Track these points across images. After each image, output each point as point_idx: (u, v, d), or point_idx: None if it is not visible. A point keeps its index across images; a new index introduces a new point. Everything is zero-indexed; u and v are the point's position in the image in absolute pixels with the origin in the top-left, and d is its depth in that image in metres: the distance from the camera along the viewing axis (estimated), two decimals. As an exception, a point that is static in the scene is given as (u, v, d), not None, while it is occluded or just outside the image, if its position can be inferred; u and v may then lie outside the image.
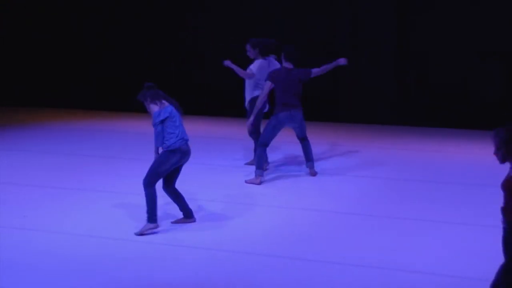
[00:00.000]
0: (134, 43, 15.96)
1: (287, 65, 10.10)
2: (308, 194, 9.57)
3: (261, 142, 10.07)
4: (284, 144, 11.73)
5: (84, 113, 15.71)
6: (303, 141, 10.29)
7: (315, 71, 10.14)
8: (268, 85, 10.01)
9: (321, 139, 12.15)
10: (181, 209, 8.34)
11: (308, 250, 7.55)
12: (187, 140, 8.05)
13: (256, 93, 10.39)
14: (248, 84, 10.54)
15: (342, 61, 10.15)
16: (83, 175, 10.44)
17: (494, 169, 6.35)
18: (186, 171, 8.46)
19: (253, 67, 10.43)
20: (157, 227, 8.05)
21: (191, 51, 15.52)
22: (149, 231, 7.99)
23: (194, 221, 8.39)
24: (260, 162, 10.03)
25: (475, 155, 11.59)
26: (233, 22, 15.10)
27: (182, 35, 15.57)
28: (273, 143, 10.37)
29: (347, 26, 14.41)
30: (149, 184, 7.91)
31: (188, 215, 8.36)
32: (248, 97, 10.57)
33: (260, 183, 10.00)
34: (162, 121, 7.83)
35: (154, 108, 7.88)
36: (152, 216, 7.97)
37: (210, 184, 9.95)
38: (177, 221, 8.38)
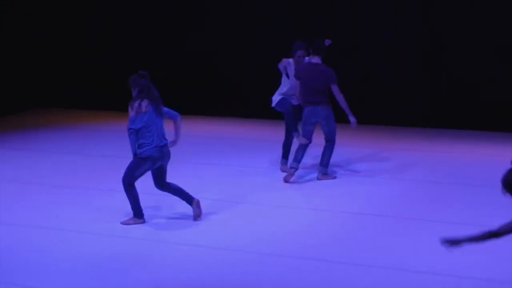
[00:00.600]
0: (136, 42, 15.91)
1: (314, 59, 9.89)
2: (335, 196, 9.52)
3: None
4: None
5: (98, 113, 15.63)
6: (326, 142, 10.11)
7: (334, 90, 9.89)
8: (297, 83, 9.97)
9: (347, 141, 11.77)
10: (184, 199, 8.54)
11: (336, 252, 7.57)
12: (162, 146, 8.17)
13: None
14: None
15: (353, 122, 9.90)
16: (104, 175, 10.43)
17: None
18: (214, 171, 8.74)
19: None
20: (143, 222, 8.38)
21: (200, 52, 15.45)
22: (133, 223, 8.34)
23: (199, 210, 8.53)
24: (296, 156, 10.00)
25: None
26: (235, 21, 15.08)
27: (191, 37, 15.45)
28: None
29: (372, 29, 14.22)
30: (128, 185, 8.21)
31: (190, 201, 8.52)
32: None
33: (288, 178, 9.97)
34: (137, 131, 7.99)
35: (130, 112, 8.07)
36: (137, 212, 8.34)
37: (239, 185, 9.98)
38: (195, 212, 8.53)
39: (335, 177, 10.23)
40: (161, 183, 8.38)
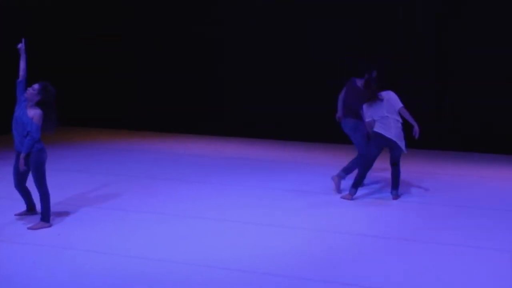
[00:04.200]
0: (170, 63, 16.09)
1: (357, 77, 10.53)
2: (340, 217, 9.54)
3: None
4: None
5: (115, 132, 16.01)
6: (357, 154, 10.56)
7: (364, 110, 10.21)
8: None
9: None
10: (26, 203, 9.06)
11: (340, 274, 7.45)
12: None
13: None
14: None
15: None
16: (128, 195, 10.45)
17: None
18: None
19: None
20: (50, 226, 8.68)
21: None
22: (41, 227, 8.63)
23: (36, 213, 8.99)
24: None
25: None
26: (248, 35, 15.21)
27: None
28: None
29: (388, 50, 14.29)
30: (42, 186, 8.62)
31: (32, 208, 9.08)
32: None
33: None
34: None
35: (40, 120, 8.42)
36: (45, 216, 8.69)
37: (257, 207, 9.97)
38: (20, 214, 9.10)
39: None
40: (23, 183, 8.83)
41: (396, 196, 10.38)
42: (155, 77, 16.18)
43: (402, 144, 10.03)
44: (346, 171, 10.53)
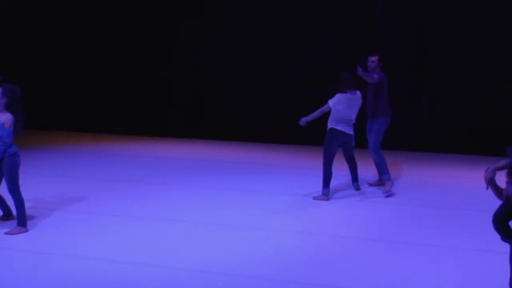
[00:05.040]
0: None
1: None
2: (322, 219, 9.49)
3: None
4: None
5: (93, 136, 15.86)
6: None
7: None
8: None
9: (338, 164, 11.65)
10: (2, 209, 9.01)
11: (320, 276, 7.39)
12: None
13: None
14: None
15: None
16: (105, 199, 10.35)
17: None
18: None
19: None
20: (27, 231, 8.59)
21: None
22: (18, 232, 8.54)
23: (13, 218, 8.89)
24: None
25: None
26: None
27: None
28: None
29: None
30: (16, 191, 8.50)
31: (8, 214, 9.02)
32: None
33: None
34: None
35: (11, 125, 8.34)
36: (21, 220, 8.61)
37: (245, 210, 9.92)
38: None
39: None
40: None
41: (359, 187, 10.69)
42: (127, 78, 16.15)
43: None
44: (382, 173, 10.61)
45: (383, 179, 10.62)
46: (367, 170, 11.39)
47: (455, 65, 13.86)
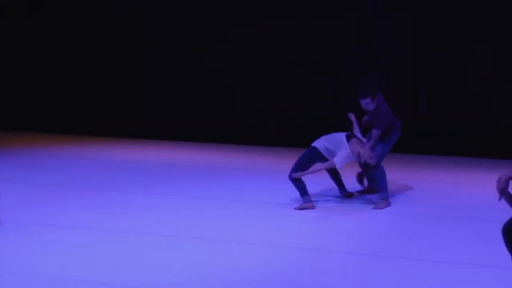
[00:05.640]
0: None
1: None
2: (296, 230, 8.77)
3: None
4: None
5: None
6: None
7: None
8: None
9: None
10: None
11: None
12: None
13: None
14: None
15: None
16: (60, 208, 9.57)
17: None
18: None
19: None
20: None
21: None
22: None
23: None
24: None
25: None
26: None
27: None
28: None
29: (360, 52, 13.76)
30: None
31: None
32: None
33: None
34: None
35: None
36: None
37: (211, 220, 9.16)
38: None
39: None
40: None
41: (349, 193, 10.04)
42: (90, 78, 15.68)
43: None
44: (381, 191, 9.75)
45: (380, 197, 9.71)
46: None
47: (455, 63, 13.38)
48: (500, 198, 5.60)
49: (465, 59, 13.24)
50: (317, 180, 10.20)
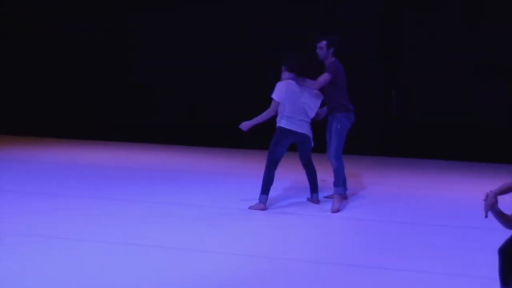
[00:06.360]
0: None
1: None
2: (255, 236, 8.27)
3: None
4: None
5: None
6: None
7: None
8: None
9: (289, 170, 10.83)
10: None
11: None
12: None
13: None
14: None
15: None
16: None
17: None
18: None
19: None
20: None
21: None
22: None
23: None
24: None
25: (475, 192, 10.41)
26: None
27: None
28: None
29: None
30: None
31: None
32: None
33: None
34: None
35: None
36: None
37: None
38: None
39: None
40: None
41: (318, 201, 9.53)
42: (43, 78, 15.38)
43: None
44: (337, 185, 9.34)
45: (336, 192, 9.30)
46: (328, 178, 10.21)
47: (428, 58, 13.21)
48: (486, 216, 5.23)
49: (439, 57, 13.14)
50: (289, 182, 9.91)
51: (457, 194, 10.48)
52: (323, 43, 9.19)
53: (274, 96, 9.06)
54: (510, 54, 12.70)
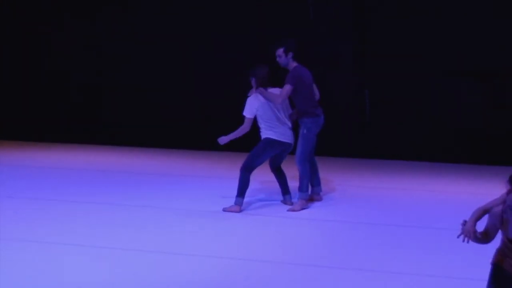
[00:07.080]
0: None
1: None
2: (238, 240, 8.36)
3: None
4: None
5: None
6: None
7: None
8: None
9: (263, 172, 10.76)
10: None
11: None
12: None
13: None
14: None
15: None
16: None
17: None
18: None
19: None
20: None
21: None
22: None
23: None
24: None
25: (449, 193, 10.63)
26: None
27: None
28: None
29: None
30: None
31: None
32: None
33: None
34: None
35: None
36: None
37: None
38: None
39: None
40: None
41: (291, 202, 9.51)
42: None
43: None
44: (301, 190, 9.38)
45: (300, 197, 9.35)
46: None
47: (403, 58, 13.00)
48: (466, 240, 5.07)
49: (413, 57, 12.96)
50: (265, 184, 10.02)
51: (429, 195, 10.53)
52: (280, 50, 9.23)
53: (245, 113, 9.17)
54: (481, 56, 12.59)
